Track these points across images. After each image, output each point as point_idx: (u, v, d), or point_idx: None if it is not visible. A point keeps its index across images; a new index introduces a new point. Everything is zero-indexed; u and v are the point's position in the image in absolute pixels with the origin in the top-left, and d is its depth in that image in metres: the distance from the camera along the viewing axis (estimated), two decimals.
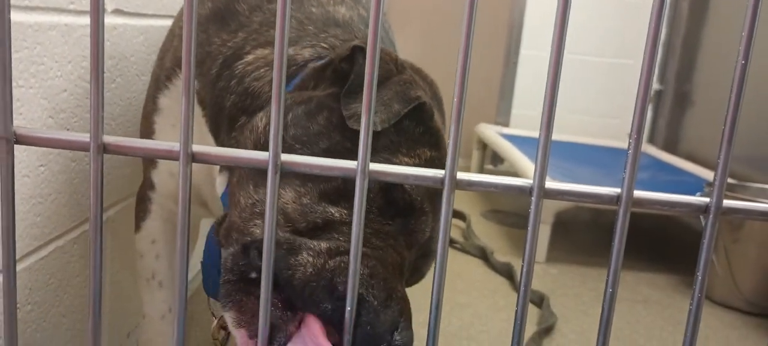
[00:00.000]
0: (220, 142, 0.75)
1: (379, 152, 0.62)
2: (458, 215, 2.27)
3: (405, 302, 0.60)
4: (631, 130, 0.45)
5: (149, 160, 0.87)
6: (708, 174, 2.31)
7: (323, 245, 0.57)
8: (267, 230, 0.44)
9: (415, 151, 0.63)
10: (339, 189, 0.60)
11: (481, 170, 3.08)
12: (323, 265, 0.56)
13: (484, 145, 3.03)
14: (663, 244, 2.29)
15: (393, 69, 0.65)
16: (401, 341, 0.56)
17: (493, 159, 3.21)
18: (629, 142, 0.44)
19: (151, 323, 0.90)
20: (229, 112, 0.72)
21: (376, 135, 0.61)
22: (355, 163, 0.44)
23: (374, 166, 0.44)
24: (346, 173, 0.44)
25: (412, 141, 0.63)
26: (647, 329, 1.53)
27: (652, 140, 3.03)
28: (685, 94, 2.86)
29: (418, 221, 0.63)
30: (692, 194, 0.45)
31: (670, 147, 2.87)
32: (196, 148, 0.43)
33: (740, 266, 1.70)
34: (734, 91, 0.43)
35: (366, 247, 0.59)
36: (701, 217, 1.55)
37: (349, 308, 0.45)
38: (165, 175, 0.86)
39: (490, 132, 2.88)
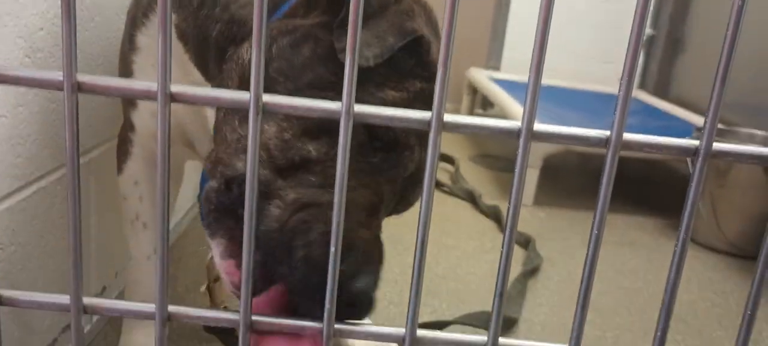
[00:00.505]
0: (209, 77, 0.73)
1: (364, 84, 0.59)
2: (447, 158, 2.26)
3: (373, 247, 0.58)
4: (622, 74, 0.44)
5: (128, 101, 0.85)
6: (698, 120, 2.31)
7: (291, 194, 0.56)
8: (249, 172, 0.43)
9: (404, 85, 0.61)
10: (321, 123, 0.58)
11: (471, 115, 3.07)
12: (286, 221, 0.55)
13: (474, 90, 3.01)
14: (650, 188, 2.31)
15: None
16: (360, 287, 0.55)
17: (483, 104, 3.19)
18: (620, 85, 0.43)
19: (138, 264, 0.90)
20: (216, 42, 0.69)
21: (363, 67, 0.59)
22: (339, 104, 0.42)
23: (359, 108, 0.43)
24: (330, 115, 0.43)
25: (402, 74, 0.61)
26: (632, 272, 1.55)
27: (643, 85, 3.02)
28: (677, 39, 2.84)
29: (402, 156, 0.62)
30: (681, 137, 0.45)
31: (661, 92, 2.86)
32: (175, 87, 0.42)
33: (725, 210, 1.72)
34: (730, 31, 0.42)
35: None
36: (689, 161, 1.55)
37: (330, 279, 0.45)
38: (146, 115, 0.84)
39: (481, 76, 2.86)
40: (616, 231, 1.82)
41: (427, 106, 0.48)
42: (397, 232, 1.60)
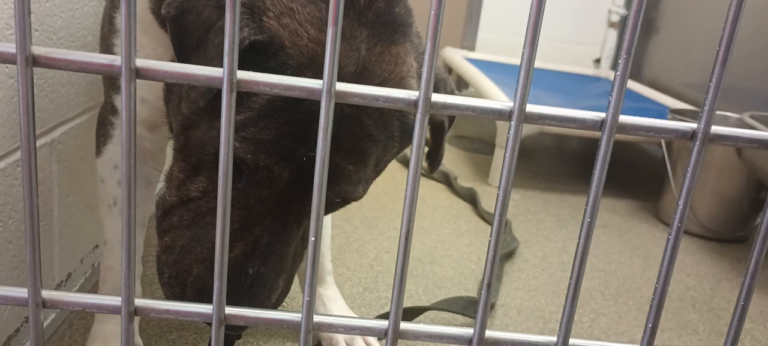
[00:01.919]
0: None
1: (201, 119, 0.63)
2: None
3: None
4: (620, 54, 0.41)
5: (111, 83, 0.81)
6: (670, 101, 2.32)
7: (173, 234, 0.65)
8: (222, 156, 0.40)
9: (247, 104, 0.59)
10: (204, 162, 0.62)
11: None
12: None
13: (449, 70, 2.98)
14: (623, 170, 2.32)
15: None
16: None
17: (458, 84, 3.17)
18: (616, 67, 0.41)
19: (112, 250, 0.87)
20: (200, 26, 0.65)
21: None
22: (320, 82, 0.39)
23: (341, 87, 0.40)
24: (310, 94, 0.40)
25: (241, 94, 0.58)
26: (606, 253, 1.55)
27: (617, 67, 3.03)
28: (650, 21, 2.84)
29: (259, 176, 0.61)
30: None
31: (634, 74, 2.87)
32: (140, 62, 0.39)
33: (698, 193, 1.73)
34: (731, 12, 0.40)
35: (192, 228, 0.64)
36: (663, 145, 1.56)
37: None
38: None
39: (456, 56, 2.84)
40: None
41: (294, 112, 0.53)
42: (371, 215, 1.58)
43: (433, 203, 1.75)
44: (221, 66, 0.56)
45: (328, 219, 1.01)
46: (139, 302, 0.42)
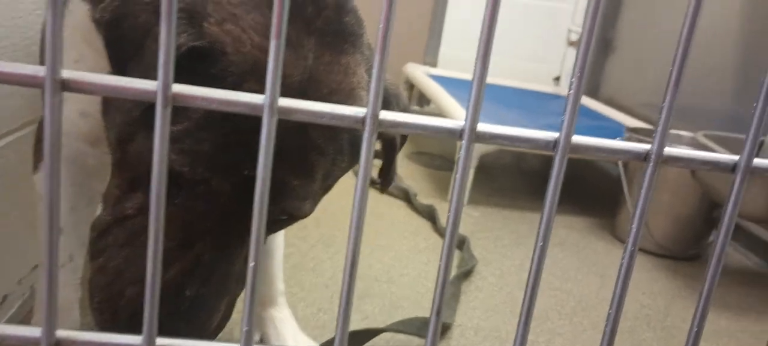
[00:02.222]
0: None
1: (138, 131, 0.60)
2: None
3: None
4: (572, 74, 0.40)
5: None
6: (626, 119, 2.36)
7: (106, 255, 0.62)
8: (155, 176, 0.37)
9: (186, 113, 0.56)
10: (143, 176, 0.59)
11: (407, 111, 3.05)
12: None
13: (411, 86, 2.99)
14: (580, 187, 2.35)
15: None
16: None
17: (419, 100, 3.17)
18: (570, 87, 0.40)
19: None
20: (137, 31, 0.62)
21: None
22: (261, 97, 0.37)
23: (284, 102, 0.38)
24: (252, 110, 0.38)
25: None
26: (563, 271, 1.55)
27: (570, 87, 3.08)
28: (607, 40, 2.90)
29: (198, 190, 0.59)
30: (613, 138, 0.42)
31: (592, 92, 2.92)
32: (68, 74, 0.36)
33: (653, 211, 1.75)
34: (685, 31, 0.39)
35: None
36: (619, 163, 1.56)
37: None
38: (74, 114, 0.76)
39: (418, 72, 2.84)
40: None
41: (237, 121, 0.50)
42: (328, 233, 1.55)
43: (392, 219, 1.74)
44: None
45: (280, 237, 0.98)
46: (61, 333, 0.39)
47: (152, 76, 0.55)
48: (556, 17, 3.09)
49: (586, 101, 2.73)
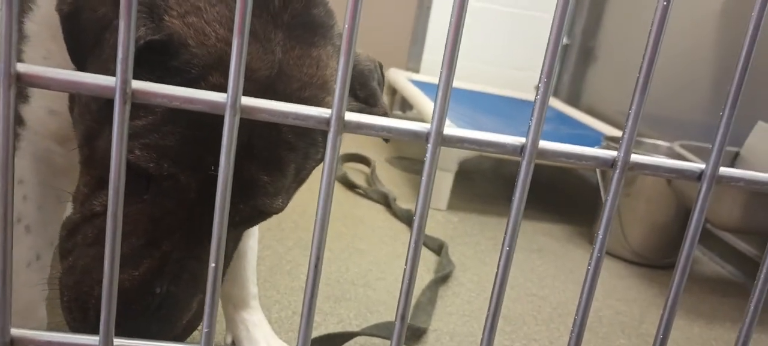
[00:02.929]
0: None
1: (103, 127, 0.60)
2: (363, 159, 2.22)
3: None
4: (539, 82, 0.40)
5: (18, 92, 0.75)
6: (606, 128, 2.37)
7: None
8: (113, 173, 0.37)
9: (152, 107, 0.55)
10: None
11: (389, 115, 3.04)
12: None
13: (393, 91, 2.98)
14: (559, 195, 2.36)
15: None
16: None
17: (402, 105, 3.17)
18: (537, 90, 0.40)
19: (16, 273, 0.80)
20: (95, 24, 0.61)
21: None
22: (223, 96, 0.37)
23: (247, 101, 0.37)
24: (213, 108, 0.37)
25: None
26: (540, 278, 1.56)
27: (556, 93, 3.09)
28: (589, 49, 2.92)
29: (164, 186, 0.57)
30: (591, 146, 0.42)
31: (573, 101, 2.94)
32: (23, 68, 0.35)
33: (629, 219, 1.76)
34: (651, 40, 0.39)
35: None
36: (597, 171, 1.57)
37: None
38: (42, 112, 0.74)
39: (400, 77, 2.84)
40: (525, 237, 1.83)
41: (201, 114, 0.47)
42: (306, 236, 1.54)
43: (371, 224, 1.73)
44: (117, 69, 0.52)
45: (253, 239, 0.97)
46: (16, 332, 0.38)
47: (111, 69, 0.54)
48: (541, 27, 3.11)
49: (567, 109, 2.75)
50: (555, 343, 1.26)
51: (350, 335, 1.05)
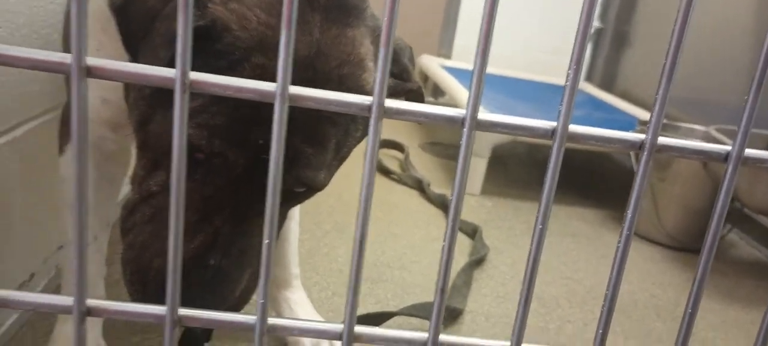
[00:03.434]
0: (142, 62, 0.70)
1: (155, 109, 0.62)
2: (397, 146, 2.25)
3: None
4: (570, 65, 0.42)
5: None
6: (641, 113, 2.36)
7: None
8: (176, 159, 0.40)
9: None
10: (164, 155, 0.62)
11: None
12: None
13: (425, 77, 3.00)
14: (593, 179, 2.35)
15: None
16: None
17: (434, 91, 3.18)
18: (568, 75, 0.42)
19: None
20: (148, 14, 0.65)
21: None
22: (273, 85, 0.40)
23: (295, 90, 0.40)
24: (263, 96, 0.40)
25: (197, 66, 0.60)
26: (574, 262, 1.57)
27: (589, 78, 3.07)
28: (623, 33, 2.89)
29: (215, 163, 0.61)
30: (626, 131, 0.44)
31: (607, 85, 2.91)
32: (92, 61, 0.39)
33: (665, 203, 1.75)
34: (678, 25, 0.41)
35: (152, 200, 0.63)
36: (632, 155, 1.59)
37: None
38: (96, 100, 0.79)
39: (432, 64, 2.85)
40: (559, 221, 1.84)
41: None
42: (342, 220, 1.58)
43: (405, 208, 1.76)
44: (166, 55, 0.56)
45: (294, 222, 1.01)
46: (91, 302, 0.41)
47: (161, 56, 0.58)
48: (575, 10, 3.07)
49: (600, 94, 2.73)
50: (589, 325, 1.27)
51: (389, 315, 1.09)
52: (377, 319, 1.07)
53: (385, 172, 2.01)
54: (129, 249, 0.64)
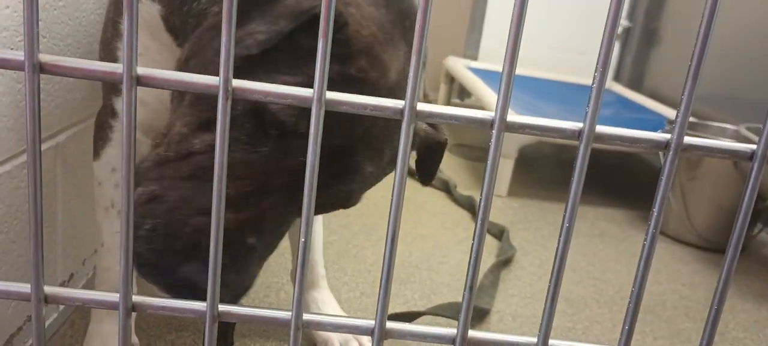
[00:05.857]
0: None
1: (254, 70, 0.58)
2: None
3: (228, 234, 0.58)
4: (596, 66, 0.43)
5: (111, 86, 0.83)
6: (670, 112, 2.34)
7: (151, 186, 0.60)
8: (217, 164, 0.42)
9: (302, 68, 0.58)
10: (212, 118, 0.59)
11: (448, 104, 3.07)
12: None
13: (451, 79, 3.01)
14: (622, 180, 2.34)
15: None
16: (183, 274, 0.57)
17: (460, 93, 3.19)
18: (594, 77, 0.43)
19: (110, 252, 0.88)
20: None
21: (250, 54, 0.58)
22: (310, 91, 0.42)
23: (332, 95, 0.42)
24: (302, 102, 0.42)
25: (298, 57, 0.58)
26: (602, 262, 1.57)
27: (617, 78, 3.05)
28: (652, 32, 2.86)
29: (292, 144, 0.59)
30: (654, 131, 0.45)
31: (635, 85, 2.89)
32: (142, 70, 0.41)
33: (695, 202, 1.74)
34: (703, 24, 0.42)
35: (189, 182, 0.59)
36: (660, 154, 1.58)
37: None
38: None
39: (458, 65, 2.86)
40: (586, 222, 1.84)
41: (341, 88, 0.46)
42: (370, 222, 1.60)
43: (433, 210, 1.77)
44: (286, 25, 0.58)
45: (319, 224, 1.03)
46: (136, 298, 0.44)
47: (279, 25, 0.61)
48: (597, 9, 3.06)
49: (629, 94, 2.71)
50: (617, 326, 1.27)
51: (417, 314, 1.10)
52: (405, 318, 1.09)
53: (413, 173, 2.03)
54: (155, 201, 0.58)
